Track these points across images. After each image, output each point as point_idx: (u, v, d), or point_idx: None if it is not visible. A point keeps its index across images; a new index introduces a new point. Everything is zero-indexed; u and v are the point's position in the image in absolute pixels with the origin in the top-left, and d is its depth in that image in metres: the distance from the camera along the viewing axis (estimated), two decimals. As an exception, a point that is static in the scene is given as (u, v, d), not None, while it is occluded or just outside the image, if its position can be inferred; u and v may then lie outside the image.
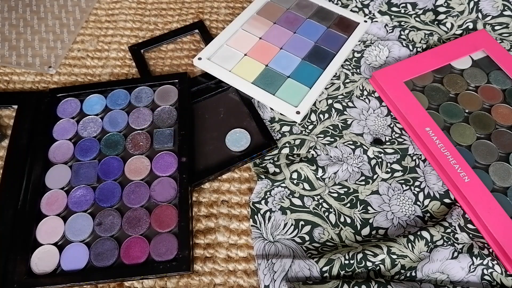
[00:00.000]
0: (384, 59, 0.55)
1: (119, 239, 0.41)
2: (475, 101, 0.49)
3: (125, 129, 0.49)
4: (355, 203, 0.44)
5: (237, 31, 0.56)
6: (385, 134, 0.49)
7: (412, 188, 0.45)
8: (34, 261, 0.40)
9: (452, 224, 0.41)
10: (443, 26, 0.57)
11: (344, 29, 0.57)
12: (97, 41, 0.59)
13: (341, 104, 0.51)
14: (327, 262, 0.39)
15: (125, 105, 0.50)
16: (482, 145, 0.46)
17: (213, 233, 0.43)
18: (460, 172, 0.43)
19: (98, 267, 0.40)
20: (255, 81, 0.51)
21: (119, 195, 0.43)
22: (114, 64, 0.56)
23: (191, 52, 0.57)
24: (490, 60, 0.52)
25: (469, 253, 0.39)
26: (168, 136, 0.47)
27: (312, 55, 0.54)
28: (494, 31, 0.57)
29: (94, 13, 0.62)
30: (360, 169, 0.46)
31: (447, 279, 0.39)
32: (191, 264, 0.39)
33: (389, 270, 0.39)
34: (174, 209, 0.42)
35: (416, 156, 0.47)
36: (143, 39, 0.59)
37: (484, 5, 0.58)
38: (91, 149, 0.47)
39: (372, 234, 0.42)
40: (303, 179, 0.45)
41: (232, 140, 0.48)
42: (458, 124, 0.48)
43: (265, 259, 0.40)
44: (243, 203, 0.44)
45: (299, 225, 0.43)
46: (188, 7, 0.62)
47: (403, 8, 0.59)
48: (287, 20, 0.58)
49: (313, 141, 0.48)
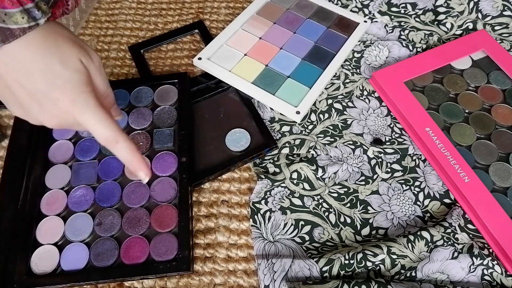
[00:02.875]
0: (384, 59, 0.55)
1: (119, 239, 0.41)
2: (475, 101, 0.49)
3: (125, 129, 0.48)
4: (355, 203, 0.44)
5: (237, 31, 0.56)
6: (385, 134, 0.49)
7: (412, 188, 0.45)
8: (34, 261, 0.40)
9: (452, 224, 0.41)
10: (443, 26, 0.57)
11: (344, 29, 0.57)
12: (97, 41, 0.59)
13: (341, 104, 0.51)
14: (327, 262, 0.39)
15: (125, 105, 0.50)
16: (482, 145, 0.46)
17: (213, 233, 0.43)
18: (460, 172, 0.43)
19: (98, 267, 0.40)
20: (255, 81, 0.51)
21: (119, 195, 0.43)
22: (114, 64, 0.56)
23: (191, 52, 0.57)
24: (490, 60, 0.52)
25: (469, 253, 0.39)
26: (168, 136, 0.47)
27: (312, 55, 0.54)
28: (494, 31, 0.57)
29: (94, 13, 0.62)
30: (360, 169, 0.46)
31: (447, 279, 0.39)
32: (191, 264, 0.39)
33: (389, 270, 0.39)
34: (174, 209, 0.42)
35: (416, 156, 0.47)
36: (143, 39, 0.59)
37: (484, 5, 0.58)
38: (91, 149, 0.47)
39: (372, 234, 0.42)
40: (303, 179, 0.45)
41: (232, 140, 0.48)
42: (458, 124, 0.48)
43: (265, 259, 0.40)
44: (243, 203, 0.44)
45: (299, 225, 0.43)
46: (188, 7, 0.62)
47: (403, 8, 0.59)
48: (287, 20, 0.58)
49: (313, 141, 0.48)
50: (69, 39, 0.35)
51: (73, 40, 0.36)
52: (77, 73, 0.34)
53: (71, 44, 0.35)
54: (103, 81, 0.37)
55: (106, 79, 0.38)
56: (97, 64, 0.37)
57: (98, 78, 0.37)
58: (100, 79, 0.37)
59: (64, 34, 0.35)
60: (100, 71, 0.37)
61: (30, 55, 0.32)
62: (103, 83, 0.38)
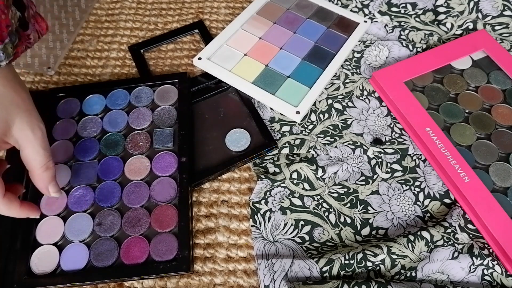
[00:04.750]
0: (384, 59, 0.55)
1: (119, 239, 0.41)
2: (475, 101, 0.49)
3: (125, 129, 0.48)
4: (355, 203, 0.44)
5: (237, 31, 0.56)
6: (385, 134, 0.49)
7: (412, 188, 0.45)
8: (34, 261, 0.40)
9: (452, 224, 0.41)
10: (443, 26, 0.57)
11: (344, 29, 0.57)
12: (97, 41, 0.59)
13: (341, 104, 0.51)
14: (327, 262, 0.39)
15: (125, 105, 0.50)
16: (482, 145, 0.46)
17: (213, 233, 0.43)
18: (460, 172, 0.43)
19: (98, 267, 0.39)
20: (255, 81, 0.51)
21: (119, 195, 0.43)
22: (114, 64, 0.56)
23: (191, 52, 0.57)
24: (490, 60, 0.52)
25: (469, 254, 0.39)
26: (168, 136, 0.47)
27: (312, 55, 0.54)
28: (494, 31, 0.57)
29: (94, 13, 0.62)
30: (360, 169, 0.46)
31: (447, 279, 0.39)
32: (191, 264, 0.39)
33: (389, 270, 0.39)
34: (174, 209, 0.42)
35: (416, 156, 0.47)
36: (143, 39, 0.59)
37: (484, 5, 0.58)
38: (91, 149, 0.47)
39: (372, 234, 0.42)
40: (303, 179, 0.45)
41: (232, 140, 0.48)
42: (458, 124, 0.48)
43: (265, 259, 0.40)
44: (243, 203, 0.44)
45: (299, 225, 0.43)
46: (188, 7, 0.62)
47: (403, 8, 0.59)
48: (287, 20, 0.58)
49: (313, 141, 0.48)
50: (16, 95, 0.34)
51: (22, 98, 0.35)
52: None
53: (15, 102, 0.34)
54: (42, 153, 0.36)
55: (47, 151, 0.36)
56: (38, 134, 0.35)
57: (35, 150, 0.35)
58: (39, 151, 0.35)
59: (16, 88, 0.34)
60: (41, 142, 0.36)
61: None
62: (42, 155, 0.36)
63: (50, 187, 0.38)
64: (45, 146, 0.36)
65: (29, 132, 0.35)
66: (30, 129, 0.35)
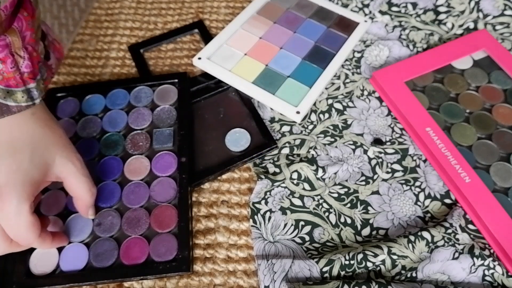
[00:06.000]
0: (384, 59, 0.55)
1: (118, 240, 0.41)
2: (476, 101, 0.49)
3: (125, 129, 0.48)
4: (356, 203, 0.44)
5: (237, 30, 0.56)
6: (385, 134, 0.48)
7: (413, 189, 0.45)
8: (33, 261, 0.40)
9: (453, 225, 0.41)
10: (443, 26, 0.57)
11: (344, 29, 0.57)
12: (97, 41, 0.59)
13: (341, 104, 0.51)
14: (327, 263, 0.39)
15: (125, 105, 0.50)
16: (483, 145, 0.46)
17: (213, 233, 0.43)
18: (461, 172, 0.43)
19: (97, 267, 0.39)
20: (255, 81, 0.51)
21: (118, 196, 0.43)
22: (114, 64, 0.56)
23: (191, 52, 0.57)
24: (491, 60, 0.52)
25: (470, 254, 0.39)
26: (168, 136, 0.47)
27: (312, 55, 0.54)
28: (495, 30, 0.57)
29: (94, 13, 0.62)
30: (361, 169, 0.46)
31: (448, 280, 0.39)
32: (190, 264, 0.39)
33: (390, 271, 0.39)
34: (174, 210, 0.42)
35: (416, 156, 0.47)
36: (142, 39, 0.59)
37: (485, 5, 0.57)
38: (91, 149, 0.46)
39: (372, 234, 0.42)
40: (303, 179, 0.45)
41: (232, 140, 0.48)
42: (459, 124, 0.47)
43: (265, 259, 0.40)
44: (243, 203, 0.44)
45: (299, 225, 0.42)
46: (188, 7, 0.62)
47: (403, 8, 0.59)
48: (287, 20, 0.58)
49: (313, 141, 0.48)
50: (53, 134, 0.36)
51: (58, 135, 0.37)
52: (37, 170, 0.34)
53: (54, 141, 0.36)
54: (84, 180, 0.38)
55: (89, 178, 0.38)
56: (78, 165, 0.37)
57: (79, 180, 0.37)
58: (81, 179, 0.37)
59: (51, 126, 0.36)
60: (82, 171, 0.38)
61: (18, 132, 0.33)
62: (84, 182, 0.38)
63: (90, 210, 0.40)
64: (86, 173, 0.39)
65: (70, 165, 0.37)
66: (70, 162, 0.37)
